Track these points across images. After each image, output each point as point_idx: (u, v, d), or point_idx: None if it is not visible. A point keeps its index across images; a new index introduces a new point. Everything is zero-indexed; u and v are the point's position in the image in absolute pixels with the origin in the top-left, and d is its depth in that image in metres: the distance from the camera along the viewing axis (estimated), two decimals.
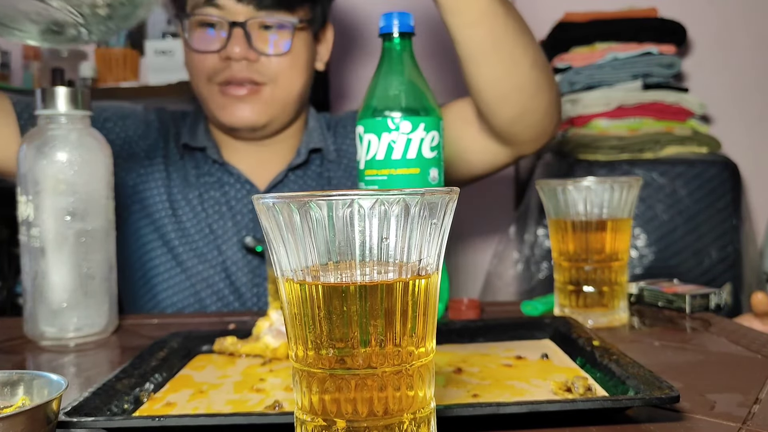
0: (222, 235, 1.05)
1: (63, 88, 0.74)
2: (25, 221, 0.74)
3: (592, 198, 0.75)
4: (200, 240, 1.05)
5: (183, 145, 1.09)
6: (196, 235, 1.05)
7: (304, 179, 1.11)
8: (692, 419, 0.47)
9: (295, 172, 1.10)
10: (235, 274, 1.04)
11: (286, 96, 1.04)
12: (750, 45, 1.90)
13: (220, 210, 1.06)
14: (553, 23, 1.78)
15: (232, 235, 1.06)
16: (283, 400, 0.51)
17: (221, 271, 1.04)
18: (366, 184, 0.74)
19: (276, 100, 1.03)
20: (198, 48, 1.02)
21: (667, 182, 1.51)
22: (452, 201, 0.35)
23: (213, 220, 1.06)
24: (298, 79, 1.04)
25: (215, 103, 1.03)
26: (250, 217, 1.06)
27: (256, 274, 1.05)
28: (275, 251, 0.35)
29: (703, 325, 0.75)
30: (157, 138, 1.09)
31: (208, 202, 1.07)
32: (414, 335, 0.35)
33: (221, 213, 1.06)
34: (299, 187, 1.10)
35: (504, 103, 0.90)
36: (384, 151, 0.72)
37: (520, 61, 0.87)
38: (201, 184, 1.07)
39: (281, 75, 1.02)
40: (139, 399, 0.54)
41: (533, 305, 0.83)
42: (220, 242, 1.05)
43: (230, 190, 1.07)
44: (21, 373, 0.45)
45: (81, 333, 0.75)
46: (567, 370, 0.57)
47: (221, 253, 1.05)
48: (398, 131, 0.71)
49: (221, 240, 1.05)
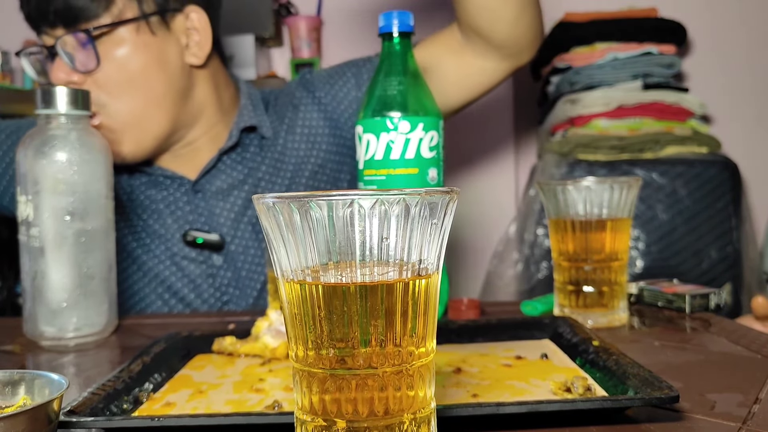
0: (165, 233, 1.02)
1: (63, 88, 0.74)
2: (24, 221, 0.74)
3: (591, 198, 0.75)
4: (151, 242, 1.02)
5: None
6: (147, 239, 1.02)
7: (240, 162, 1.05)
8: (692, 419, 0.47)
9: (230, 155, 1.04)
10: (187, 267, 1.02)
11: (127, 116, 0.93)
12: (750, 45, 1.90)
13: (158, 209, 1.03)
14: (553, 23, 1.78)
15: (174, 231, 1.02)
16: (283, 400, 0.51)
17: (177, 271, 1.02)
18: (365, 183, 0.74)
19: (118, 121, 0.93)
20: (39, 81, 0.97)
21: (667, 182, 1.51)
22: (453, 201, 0.35)
23: (153, 220, 1.03)
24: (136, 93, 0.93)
25: None
26: (188, 209, 1.03)
27: (209, 265, 1.02)
28: (275, 251, 0.35)
29: (703, 325, 0.75)
30: None
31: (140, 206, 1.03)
32: (414, 335, 0.35)
33: (159, 212, 1.03)
34: (236, 173, 1.04)
35: (497, 20, 0.92)
36: (383, 151, 0.72)
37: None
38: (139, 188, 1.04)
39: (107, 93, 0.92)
40: (139, 399, 0.54)
41: (533, 305, 0.83)
42: (165, 240, 1.02)
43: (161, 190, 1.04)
44: (22, 372, 0.45)
45: (80, 333, 0.75)
46: (566, 370, 0.57)
47: (168, 249, 1.02)
48: (397, 131, 0.71)
49: (165, 238, 1.02)
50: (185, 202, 1.04)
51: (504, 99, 1.92)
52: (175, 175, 1.04)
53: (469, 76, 1.02)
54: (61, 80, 0.91)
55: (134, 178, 1.05)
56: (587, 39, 1.68)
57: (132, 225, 1.03)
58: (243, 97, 1.08)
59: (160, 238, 1.03)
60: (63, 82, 0.90)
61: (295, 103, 1.09)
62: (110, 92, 0.92)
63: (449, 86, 1.03)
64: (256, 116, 1.05)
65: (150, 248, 1.03)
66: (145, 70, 0.93)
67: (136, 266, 1.02)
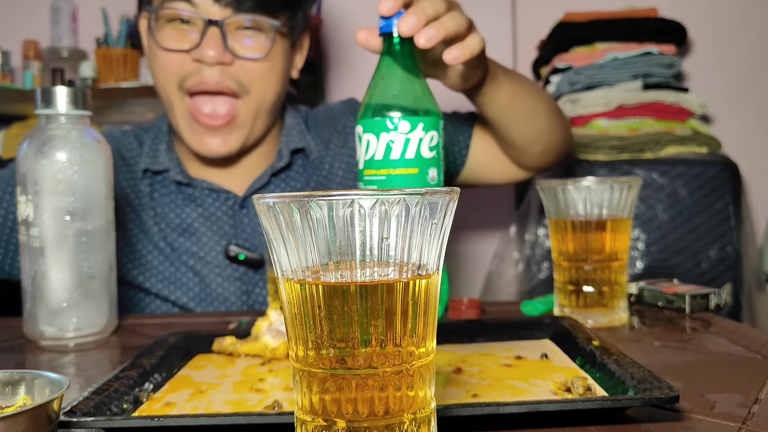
0: (197, 251, 1.01)
1: (63, 87, 0.74)
2: (24, 221, 0.74)
3: (592, 198, 0.75)
4: (188, 258, 1.01)
5: (143, 170, 1.03)
6: (184, 255, 1.01)
7: (285, 181, 1.06)
8: (692, 419, 0.47)
9: (279, 176, 1.06)
10: (221, 285, 1.01)
11: (260, 106, 0.98)
12: (750, 45, 1.90)
13: (192, 227, 1.02)
14: (553, 23, 1.78)
15: (211, 247, 1.01)
16: (283, 400, 0.51)
17: (205, 287, 1.01)
18: (365, 183, 0.74)
19: (249, 114, 0.97)
20: (166, 46, 0.94)
21: (667, 182, 1.51)
22: (453, 201, 0.35)
23: (196, 236, 1.02)
24: (274, 87, 0.99)
25: (184, 126, 0.98)
26: (230, 225, 1.03)
27: (244, 282, 1.01)
28: (275, 251, 0.35)
29: (703, 325, 0.75)
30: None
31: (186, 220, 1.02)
32: (414, 335, 0.35)
33: (193, 230, 1.02)
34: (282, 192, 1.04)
35: (530, 146, 1.00)
36: (383, 151, 0.72)
37: (539, 114, 0.97)
38: (167, 204, 1.03)
39: (256, 82, 0.96)
40: (139, 399, 0.54)
41: (533, 305, 0.83)
42: (203, 254, 1.01)
43: (203, 203, 1.03)
44: (22, 372, 0.45)
45: (80, 333, 0.75)
46: (567, 370, 0.57)
47: (205, 265, 1.01)
48: (397, 131, 0.71)
49: (198, 255, 1.01)
50: (229, 217, 1.03)
51: None
52: (222, 189, 1.03)
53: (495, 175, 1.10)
54: (210, 57, 0.92)
55: (164, 196, 1.03)
56: (587, 39, 1.68)
57: (161, 242, 1.02)
58: (288, 116, 1.09)
59: (193, 255, 1.01)
60: (212, 59, 0.92)
61: (340, 129, 1.10)
62: (252, 82, 0.96)
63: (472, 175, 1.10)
64: (304, 138, 1.07)
65: (178, 266, 1.01)
66: (283, 72, 1.00)
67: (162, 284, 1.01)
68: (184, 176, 1.02)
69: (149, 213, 1.03)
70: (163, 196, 1.04)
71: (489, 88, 0.88)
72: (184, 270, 1.01)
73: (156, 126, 1.09)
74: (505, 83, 0.90)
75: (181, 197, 1.04)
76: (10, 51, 2.00)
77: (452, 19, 0.72)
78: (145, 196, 1.04)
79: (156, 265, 1.01)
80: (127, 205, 1.03)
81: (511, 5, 1.91)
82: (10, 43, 2.03)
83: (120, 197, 1.02)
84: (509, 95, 0.91)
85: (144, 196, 1.03)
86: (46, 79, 1.99)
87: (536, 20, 1.92)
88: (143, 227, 1.02)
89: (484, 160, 1.07)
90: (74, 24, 2.06)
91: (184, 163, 1.05)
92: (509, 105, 0.92)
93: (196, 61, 0.94)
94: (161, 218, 1.03)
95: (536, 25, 1.91)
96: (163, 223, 1.03)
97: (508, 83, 0.90)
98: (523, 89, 0.94)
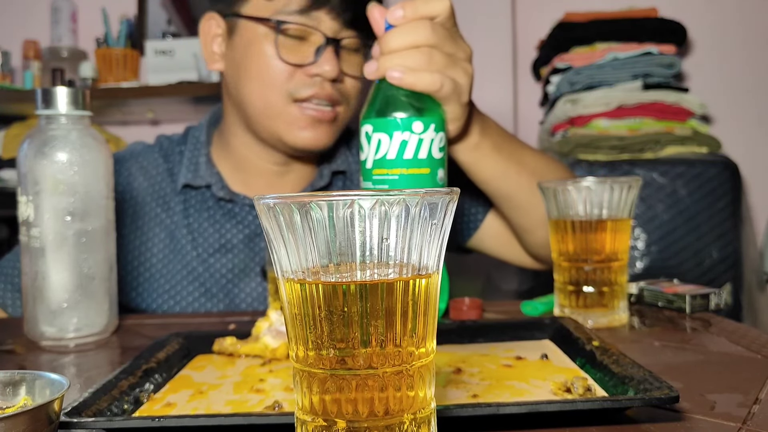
0: (239, 264, 1.01)
1: (63, 88, 0.74)
2: (25, 221, 0.74)
3: (591, 198, 0.75)
4: (220, 277, 1.00)
5: (184, 185, 1.02)
6: (217, 274, 1.01)
7: None
8: (692, 419, 0.47)
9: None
10: (251, 305, 1.01)
11: (349, 119, 1.01)
12: (750, 45, 1.90)
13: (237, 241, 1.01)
14: (553, 23, 1.78)
15: (245, 265, 1.01)
16: (283, 401, 0.51)
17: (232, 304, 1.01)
18: (374, 183, 0.73)
19: (345, 119, 1.00)
20: (287, 60, 0.94)
21: (667, 182, 1.51)
22: (452, 201, 0.35)
23: (233, 253, 1.01)
24: (360, 102, 1.01)
25: (287, 120, 0.96)
26: (264, 245, 1.01)
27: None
28: (276, 251, 0.35)
29: (703, 325, 0.75)
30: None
31: (225, 236, 1.01)
32: (414, 335, 0.35)
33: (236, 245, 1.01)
34: None
35: (527, 235, 0.97)
36: (396, 150, 0.71)
37: (539, 205, 0.90)
38: (206, 220, 1.02)
39: (353, 98, 1.00)
40: (139, 399, 0.54)
41: (533, 305, 0.83)
42: (237, 271, 1.01)
43: (243, 220, 1.02)
44: (23, 373, 0.45)
45: (81, 333, 0.75)
46: (567, 370, 0.57)
47: (236, 285, 1.00)
48: (411, 131, 0.71)
49: (226, 278, 1.01)
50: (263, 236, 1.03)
51: (504, 99, 1.92)
52: None
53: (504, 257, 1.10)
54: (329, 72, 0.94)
55: (201, 212, 1.02)
56: (587, 39, 1.68)
57: (193, 261, 1.01)
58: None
59: (229, 272, 1.00)
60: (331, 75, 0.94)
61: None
62: (350, 96, 1.00)
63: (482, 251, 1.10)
64: (346, 160, 1.08)
65: (209, 286, 1.00)
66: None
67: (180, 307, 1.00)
68: (227, 192, 1.01)
69: (182, 231, 1.01)
70: (200, 212, 1.02)
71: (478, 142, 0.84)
72: (215, 291, 1.00)
73: (193, 137, 1.07)
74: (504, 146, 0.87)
75: (221, 213, 1.02)
76: (10, 51, 2.01)
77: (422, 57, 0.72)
78: (178, 213, 1.02)
79: (180, 290, 1.00)
80: (158, 225, 1.01)
81: (511, 5, 1.91)
82: (10, 43, 2.03)
83: (145, 216, 1.00)
84: (491, 175, 0.88)
85: (176, 214, 1.02)
86: (46, 79, 1.99)
87: (536, 20, 1.92)
88: (175, 246, 1.01)
89: (495, 235, 1.06)
90: (74, 24, 2.06)
91: (226, 177, 1.04)
92: (491, 185, 0.89)
93: (313, 76, 0.94)
94: (199, 234, 1.01)
95: (536, 25, 1.91)
96: (201, 239, 1.01)
97: (507, 146, 0.88)
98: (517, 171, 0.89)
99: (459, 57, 0.75)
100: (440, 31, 0.73)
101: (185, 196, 1.03)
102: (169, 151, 1.07)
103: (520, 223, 0.96)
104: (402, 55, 0.71)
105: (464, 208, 1.06)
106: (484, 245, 1.09)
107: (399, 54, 0.71)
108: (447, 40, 0.73)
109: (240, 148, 1.04)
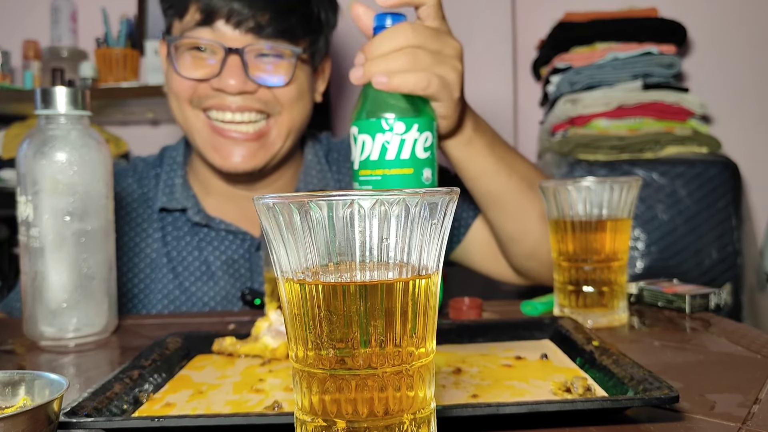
0: (220, 291, 0.99)
1: (63, 88, 0.74)
2: (24, 221, 0.74)
3: (591, 198, 0.75)
4: (203, 306, 0.99)
5: (160, 209, 1.01)
6: (200, 302, 0.99)
7: None
8: (692, 419, 0.47)
9: None
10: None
11: (291, 128, 0.98)
12: (750, 45, 1.90)
13: (209, 270, 0.99)
14: (553, 23, 1.78)
15: (227, 290, 0.99)
16: (283, 401, 0.51)
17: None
18: (360, 184, 0.74)
19: (280, 134, 0.97)
20: (187, 75, 0.93)
21: (667, 182, 1.51)
22: (452, 201, 0.35)
23: (213, 280, 0.99)
24: (302, 111, 0.98)
25: (204, 143, 0.95)
26: (246, 268, 1.00)
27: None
28: (275, 252, 0.35)
29: (703, 325, 0.75)
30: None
31: (204, 263, 1.00)
32: (414, 335, 0.35)
33: (210, 274, 0.99)
34: None
35: (513, 243, 0.95)
36: (378, 151, 0.72)
37: (527, 211, 0.90)
38: (184, 247, 1.00)
39: (286, 106, 0.96)
40: (139, 399, 0.54)
41: (533, 305, 0.83)
42: (219, 298, 0.99)
43: (220, 245, 1.00)
44: (22, 373, 0.45)
45: (80, 333, 0.75)
46: (566, 370, 0.57)
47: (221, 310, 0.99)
48: (392, 132, 0.71)
49: (220, 296, 0.99)
50: (246, 260, 1.00)
51: (504, 99, 1.92)
52: (239, 230, 1.00)
53: (491, 273, 1.06)
54: (231, 86, 0.91)
55: (179, 239, 1.01)
56: (587, 39, 1.68)
57: (176, 290, 0.99)
58: (309, 150, 1.07)
59: (211, 299, 0.99)
60: (233, 88, 0.91)
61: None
62: (283, 105, 0.96)
63: (469, 266, 1.08)
64: (324, 178, 1.05)
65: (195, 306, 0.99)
66: (308, 96, 1.00)
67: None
68: (203, 216, 1.00)
69: (162, 260, 1.00)
70: (177, 239, 1.01)
71: (471, 137, 0.83)
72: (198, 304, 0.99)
73: (169, 157, 1.06)
74: (497, 146, 0.86)
75: (197, 239, 1.01)
76: (10, 51, 2.00)
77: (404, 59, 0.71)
78: (157, 240, 1.00)
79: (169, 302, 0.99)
80: (136, 255, 0.99)
81: (511, 5, 1.91)
82: (10, 43, 2.03)
83: (124, 247, 0.99)
84: (482, 171, 0.86)
85: (155, 241, 1.00)
86: (46, 79, 1.99)
87: (536, 20, 1.92)
88: (156, 276, 0.99)
89: (480, 246, 1.04)
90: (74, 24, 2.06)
91: (201, 200, 1.02)
92: (481, 182, 0.87)
93: (216, 90, 0.93)
94: (178, 263, 1.00)
95: (536, 25, 1.91)
96: (180, 268, 1.00)
97: (499, 148, 0.87)
98: (508, 173, 0.87)
99: (446, 53, 0.74)
100: (422, 30, 0.72)
101: (162, 223, 1.01)
102: (144, 174, 1.06)
103: (507, 231, 0.93)
104: (386, 59, 0.71)
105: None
106: (468, 257, 1.06)
107: (383, 58, 0.71)
108: (430, 38, 0.72)
109: (204, 172, 1.03)
